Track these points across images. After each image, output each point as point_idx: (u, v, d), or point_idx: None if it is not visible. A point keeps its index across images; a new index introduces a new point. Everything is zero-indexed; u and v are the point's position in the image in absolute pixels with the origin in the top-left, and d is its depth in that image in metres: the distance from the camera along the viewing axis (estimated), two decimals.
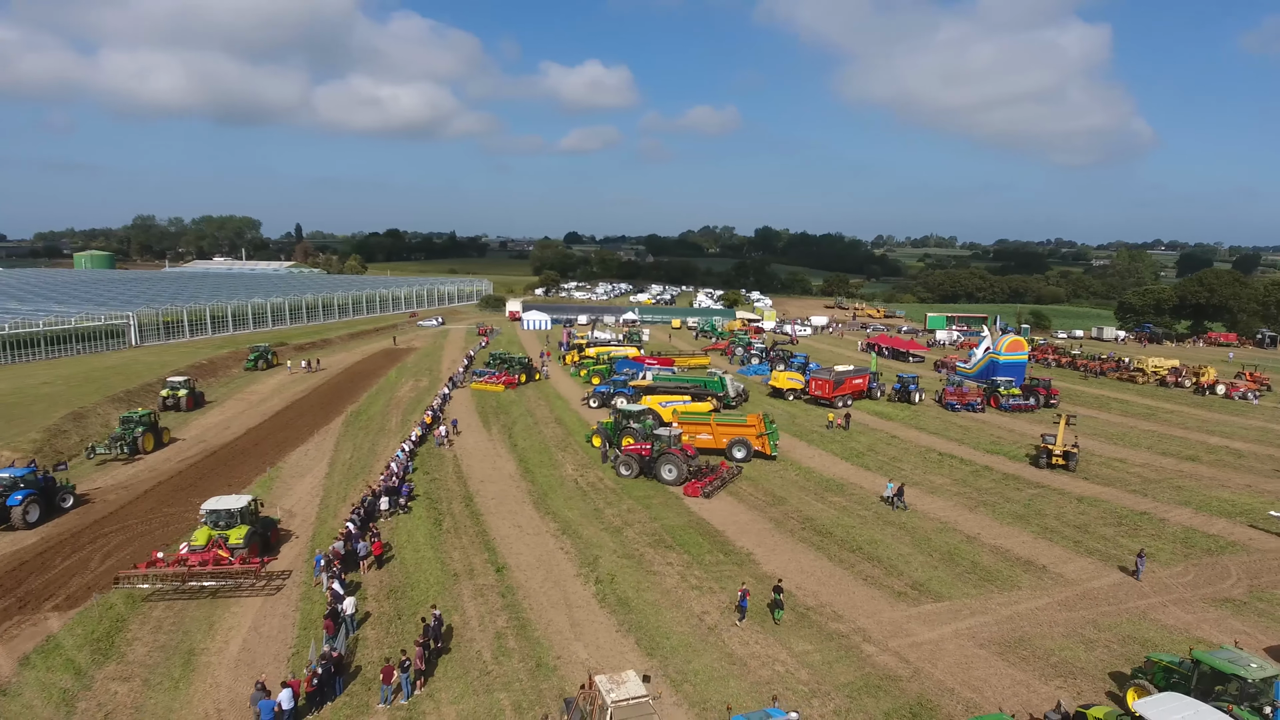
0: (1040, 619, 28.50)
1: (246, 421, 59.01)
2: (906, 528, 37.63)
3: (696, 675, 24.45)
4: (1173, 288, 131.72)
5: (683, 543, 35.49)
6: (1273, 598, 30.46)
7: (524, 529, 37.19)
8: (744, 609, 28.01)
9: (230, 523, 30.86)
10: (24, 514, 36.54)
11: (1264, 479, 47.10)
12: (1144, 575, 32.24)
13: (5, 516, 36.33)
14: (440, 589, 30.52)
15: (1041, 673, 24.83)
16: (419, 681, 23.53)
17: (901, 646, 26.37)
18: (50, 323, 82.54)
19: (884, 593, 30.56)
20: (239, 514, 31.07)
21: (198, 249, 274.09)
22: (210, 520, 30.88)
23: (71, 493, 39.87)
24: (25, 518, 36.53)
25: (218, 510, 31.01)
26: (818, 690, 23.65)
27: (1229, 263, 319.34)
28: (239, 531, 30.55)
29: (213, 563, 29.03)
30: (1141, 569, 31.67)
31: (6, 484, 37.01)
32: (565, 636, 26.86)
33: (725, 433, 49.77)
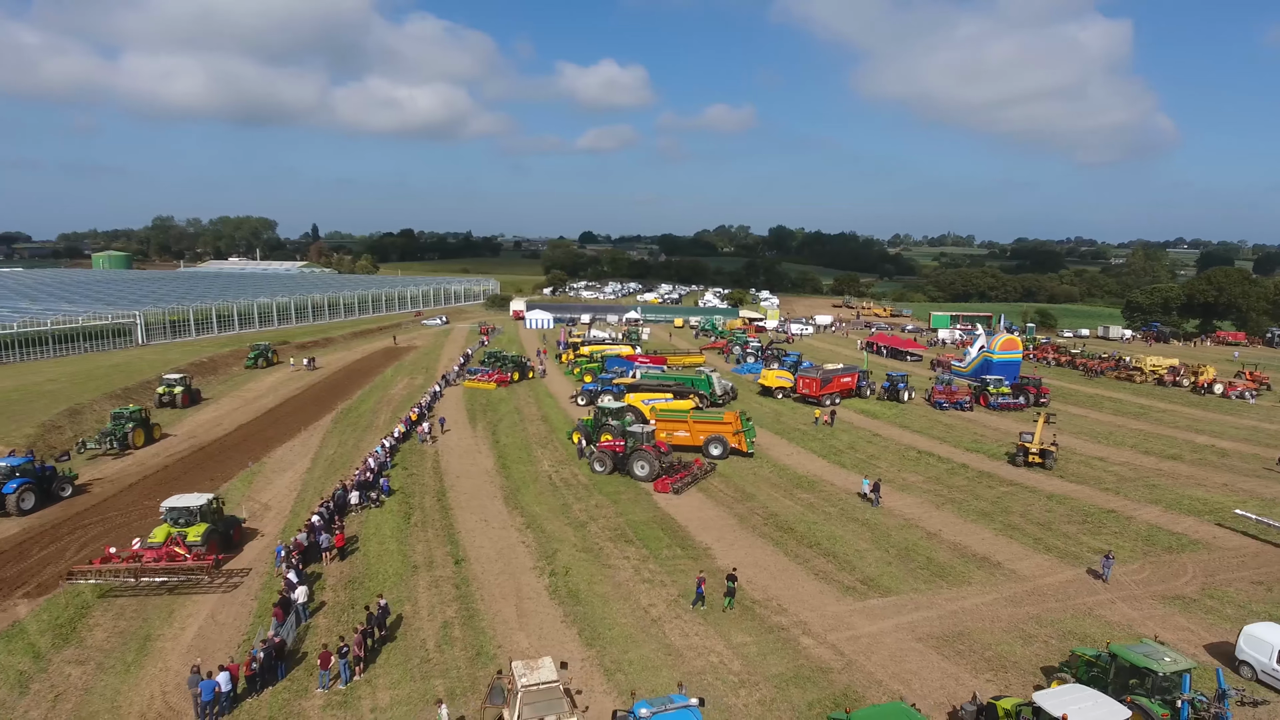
0: (984, 614, 28.71)
1: (239, 418, 60.19)
2: (869, 524, 37.90)
3: (631, 665, 24.97)
4: (1181, 286, 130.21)
5: (643, 537, 36.02)
6: (1223, 595, 30.45)
7: (490, 523, 37.87)
8: (701, 595, 28.86)
9: (189, 520, 31.31)
10: (18, 501, 37.78)
11: (1242, 478, 46.79)
12: (1089, 568, 32.37)
13: (1, 504, 37.53)
14: (397, 580, 31.25)
15: (974, 666, 25.09)
16: (358, 668, 24.23)
17: (839, 639, 26.72)
18: (58, 321, 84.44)
19: (833, 587, 30.90)
20: (198, 512, 31.54)
21: (215, 249, 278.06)
22: (170, 518, 31.37)
23: (71, 482, 41.18)
24: (20, 505, 37.79)
25: (177, 508, 31.51)
26: (747, 681, 24.08)
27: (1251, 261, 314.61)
28: (197, 529, 31.04)
29: (165, 559, 29.56)
30: (1108, 571, 31.33)
31: (3, 472, 38.23)
32: (510, 627, 27.48)
33: (702, 430, 50.20)
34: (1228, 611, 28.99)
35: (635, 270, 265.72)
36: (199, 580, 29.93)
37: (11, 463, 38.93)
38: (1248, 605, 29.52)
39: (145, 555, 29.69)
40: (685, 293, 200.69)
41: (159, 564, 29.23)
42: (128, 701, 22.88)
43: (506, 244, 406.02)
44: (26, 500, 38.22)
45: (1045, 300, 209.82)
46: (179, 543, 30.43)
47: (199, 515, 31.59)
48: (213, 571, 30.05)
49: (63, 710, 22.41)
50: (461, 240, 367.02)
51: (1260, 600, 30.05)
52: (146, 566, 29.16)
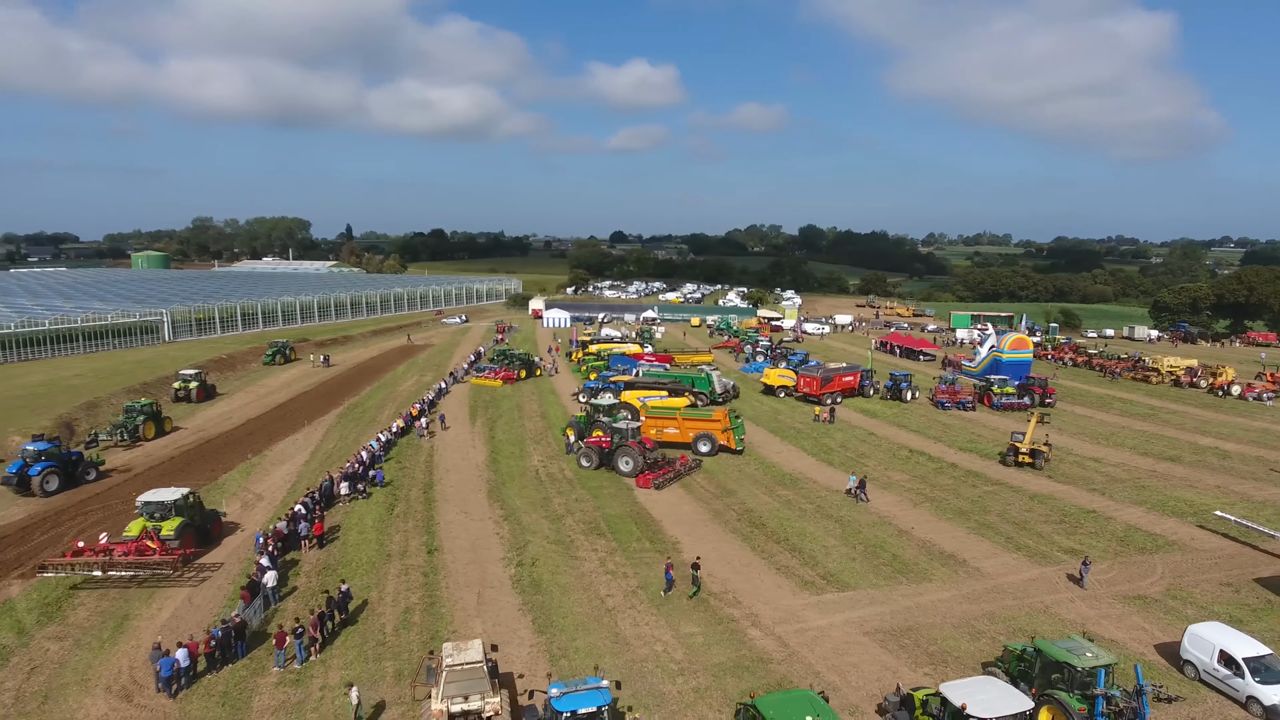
0: (938, 610, 28.89)
1: (248, 413, 62.17)
2: (843, 521, 38.15)
3: (577, 652, 25.71)
4: (1210, 286, 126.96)
5: (615, 530, 36.74)
6: (1187, 596, 30.21)
7: (470, 515, 38.88)
8: (670, 581, 29.83)
9: (164, 515, 32.16)
10: (43, 483, 40.68)
11: (1238, 480, 46.01)
12: (1069, 571, 32.30)
13: (27, 485, 40.48)
14: (369, 567, 32.38)
15: (914, 660, 25.36)
16: (314, 648, 25.31)
17: (786, 632, 27.17)
18: (88, 319, 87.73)
19: (792, 581, 31.30)
20: (172, 506, 32.37)
21: (250, 249, 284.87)
22: (145, 512, 32.26)
23: (96, 468, 44.13)
24: (44, 486, 40.68)
25: (152, 503, 32.38)
26: (686, 669, 24.67)
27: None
28: (171, 524, 31.87)
29: (135, 553, 30.50)
30: (1086, 575, 30.64)
31: (31, 456, 41.14)
32: (469, 614, 28.40)
33: (691, 427, 50.73)
34: (1188, 612, 28.77)
35: (661, 270, 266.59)
36: (167, 574, 30.54)
37: (39, 447, 41.75)
38: (1209, 606, 29.28)
39: (116, 549, 30.51)
40: (709, 292, 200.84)
41: (127, 558, 30.06)
42: (97, 675, 24.24)
43: (537, 244, 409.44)
44: (50, 482, 41.08)
45: (1078, 300, 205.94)
46: (153, 537, 31.25)
47: (174, 510, 32.33)
48: (179, 565, 30.62)
49: (36, 682, 23.83)
50: (491, 240, 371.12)
51: (1224, 601, 29.78)
52: (115, 560, 29.93)
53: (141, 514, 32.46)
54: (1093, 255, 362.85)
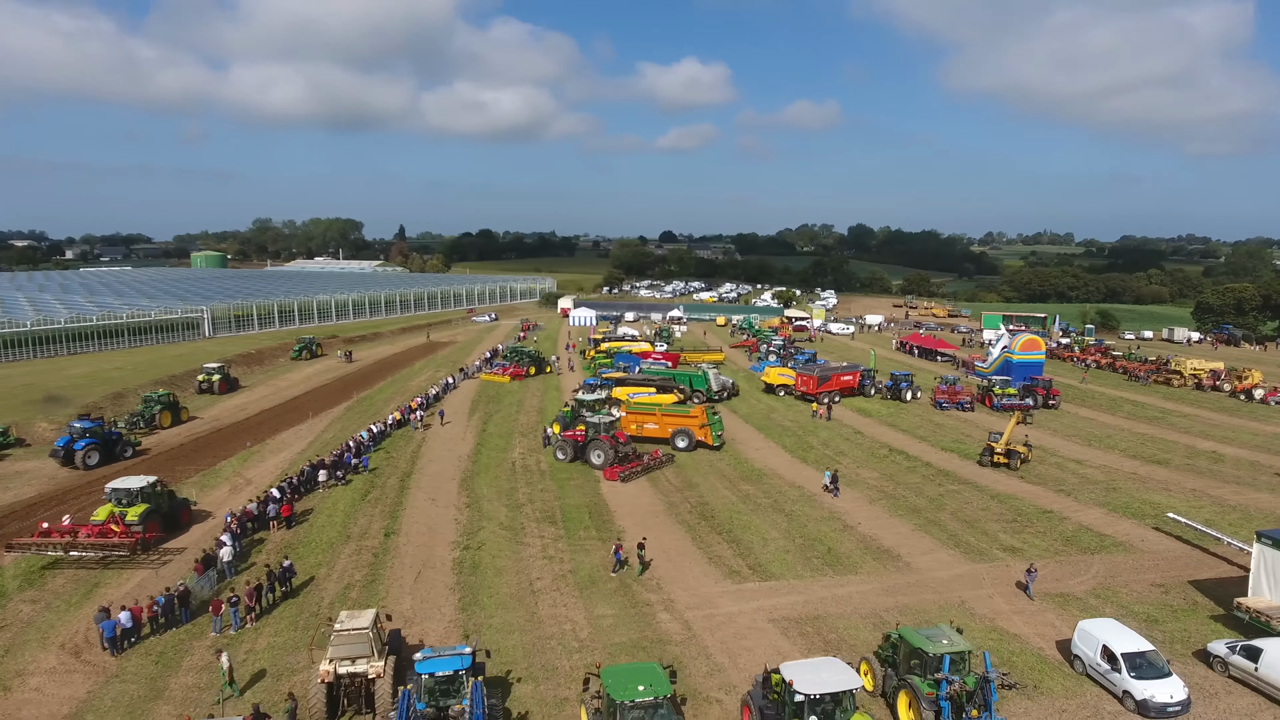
0: (853, 601, 29.57)
1: (263, 405, 65.68)
2: (792, 515, 38.90)
3: (491, 628, 27.32)
4: (1256, 286, 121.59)
5: (567, 519, 38.27)
6: (1111, 595, 30.22)
7: (436, 502, 40.89)
8: (619, 560, 31.75)
9: (131, 501, 34.36)
10: (84, 458, 46.01)
11: (1220, 484, 45.04)
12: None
13: (72, 458, 45.76)
14: (327, 547, 34.59)
15: (809, 646, 26.19)
16: (249, 616, 27.49)
17: (695, 616, 28.28)
18: (133, 315, 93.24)
19: (720, 570, 32.33)
20: (138, 493, 34.55)
21: (306, 250, 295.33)
22: (113, 498, 34.48)
23: (133, 446, 49.72)
24: (85, 461, 46.03)
25: (119, 489, 34.60)
26: (586, 646, 26.03)
27: None
28: (137, 510, 34.02)
29: (97, 535, 32.79)
30: (1032, 583, 29.94)
31: (77, 433, 46.72)
32: (403, 591, 30.29)
33: (670, 423, 51.92)
34: (1105, 610, 28.79)
35: (703, 269, 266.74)
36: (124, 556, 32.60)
37: (84, 425, 47.31)
38: (1128, 605, 29.28)
39: (80, 530, 32.90)
40: (745, 292, 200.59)
41: (90, 539, 32.42)
42: (56, 634, 26.85)
43: (585, 244, 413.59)
44: (92, 457, 46.45)
45: (1131, 301, 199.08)
46: (118, 521, 33.50)
47: (139, 496, 34.49)
48: (135, 547, 32.70)
49: (2, 639, 26.54)
50: (538, 240, 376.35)
51: (1147, 601, 29.72)
52: (78, 541, 32.21)
53: (110, 500, 34.51)
54: (1155, 255, 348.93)
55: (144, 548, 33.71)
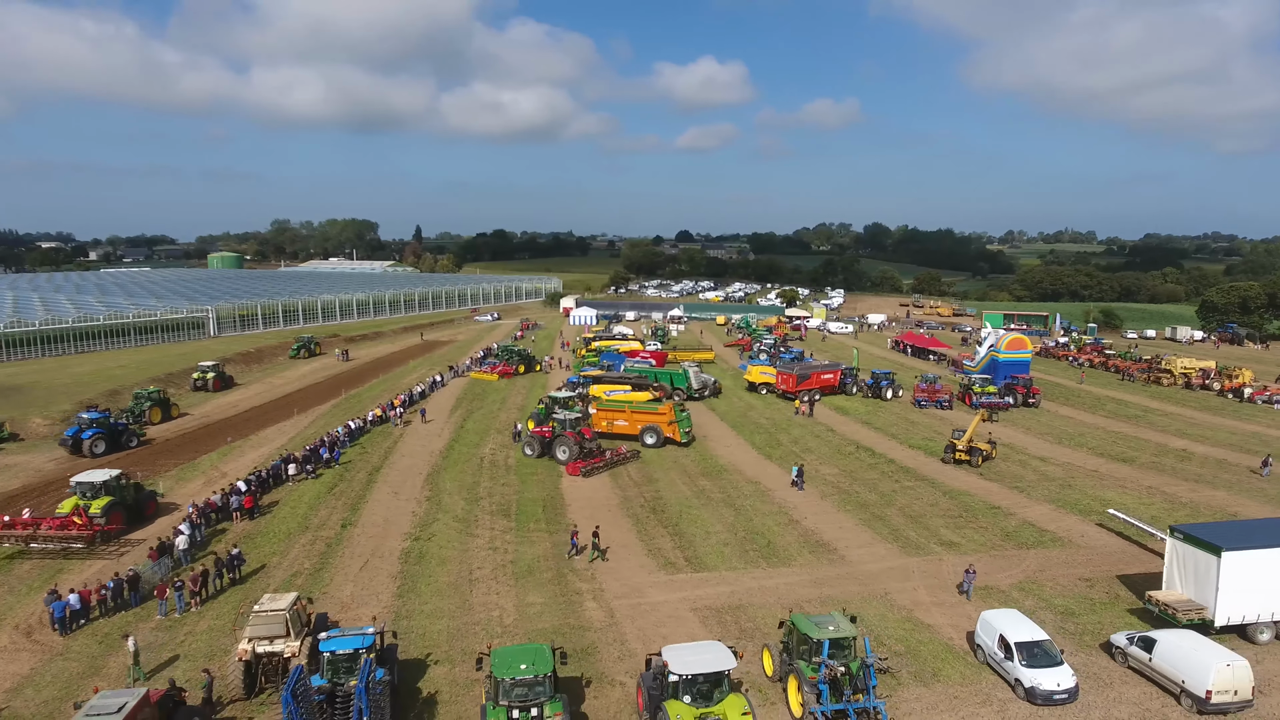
0: (779, 592, 30.35)
1: (254, 402, 67.48)
2: (741, 510, 39.72)
3: (422, 614, 28.47)
4: (1261, 284, 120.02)
5: (522, 512, 39.38)
6: (1034, 588, 30.75)
7: (399, 495, 42.15)
8: (575, 545, 33.47)
9: (95, 494, 35.58)
10: (91, 446, 48.94)
11: (1178, 481, 45.24)
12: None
13: (80, 447, 48.66)
14: (284, 538, 35.92)
15: (725, 633, 27.01)
16: (194, 601, 28.86)
17: (620, 605, 29.23)
18: (140, 315, 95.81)
19: (656, 562, 33.25)
20: (102, 486, 35.84)
21: (323, 250, 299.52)
22: (78, 491, 35.66)
23: (138, 436, 52.79)
24: (93, 449, 48.95)
25: (83, 483, 35.81)
26: (508, 631, 27.10)
27: None
28: (100, 502, 35.17)
29: (57, 527, 34.21)
30: (970, 585, 29.73)
31: (85, 423, 49.81)
32: (346, 579, 31.52)
33: (639, 420, 52.88)
34: (1026, 603, 29.37)
35: (714, 269, 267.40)
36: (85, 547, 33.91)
37: (91, 416, 50.70)
38: (1050, 599, 29.83)
39: (43, 523, 34.32)
40: (753, 291, 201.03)
41: (50, 531, 33.88)
42: (13, 615, 28.34)
43: (600, 244, 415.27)
44: (99, 446, 49.30)
45: (1146, 300, 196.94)
46: (81, 514, 34.80)
47: (103, 489, 35.80)
48: (93, 538, 34.10)
49: None
50: (552, 240, 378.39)
51: (1069, 595, 30.23)
52: (39, 534, 33.71)
53: (75, 493, 35.72)
54: (1177, 253, 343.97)
55: (105, 539, 34.96)
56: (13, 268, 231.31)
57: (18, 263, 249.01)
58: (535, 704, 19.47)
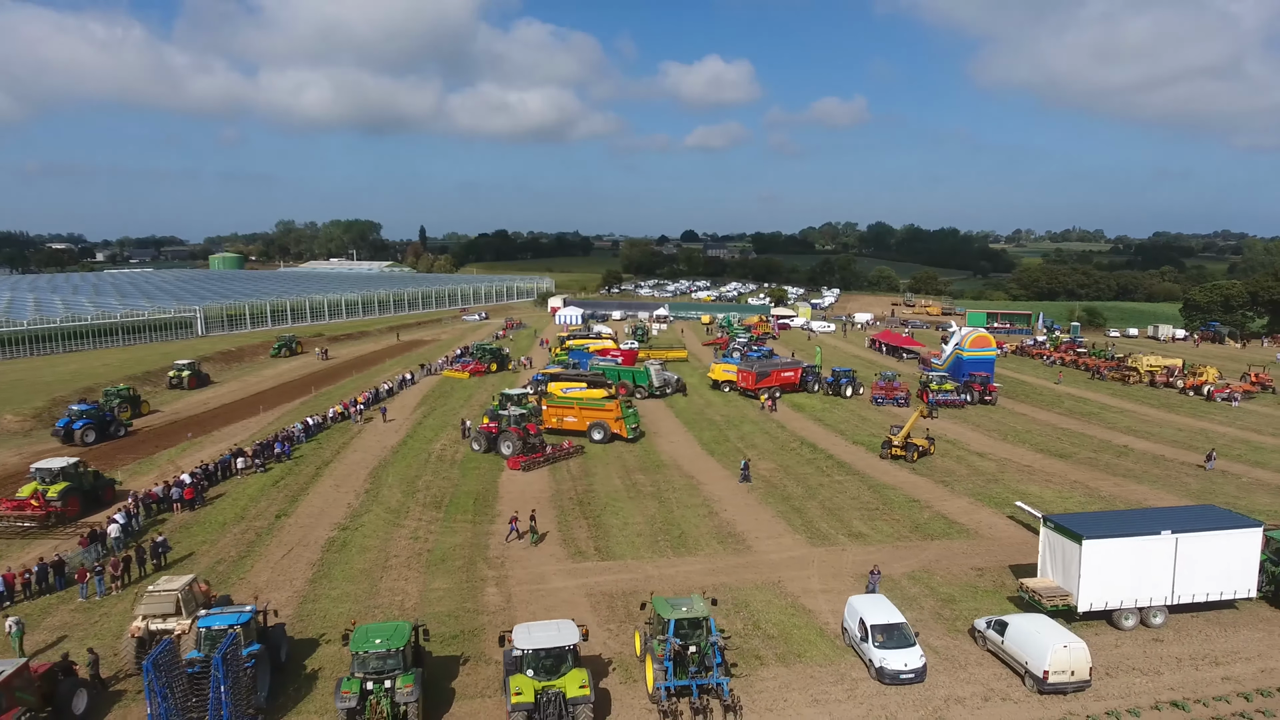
0: (676, 580, 31.47)
1: (226, 399, 69.22)
2: (665, 502, 40.93)
3: (329, 597, 29.88)
4: (1243, 283, 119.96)
5: (453, 504, 40.78)
6: (923, 577, 31.78)
7: (340, 488, 43.60)
8: (515, 530, 35.42)
9: (53, 480, 37.70)
10: (82, 436, 52.24)
11: (1104, 475, 46.16)
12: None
13: (71, 437, 51.81)
14: (218, 528, 37.41)
15: (611, 618, 28.27)
16: (114, 586, 30.38)
17: (521, 589, 30.54)
18: (127, 315, 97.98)
19: (567, 551, 34.52)
20: (59, 472, 37.99)
21: (327, 250, 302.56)
22: (38, 477, 37.88)
23: (126, 426, 56.40)
24: (83, 439, 52.15)
25: (43, 469, 38.04)
26: (406, 614, 28.34)
27: None
28: (58, 487, 37.45)
29: (14, 508, 36.29)
30: (875, 584, 29.73)
31: (75, 415, 53.42)
32: (266, 565, 32.96)
33: (588, 416, 54.14)
34: (912, 590, 30.49)
35: (712, 268, 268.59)
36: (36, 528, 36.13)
37: (81, 408, 54.15)
38: (936, 586, 30.88)
39: (0, 503, 36.41)
40: (746, 291, 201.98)
41: (7, 511, 35.94)
42: None
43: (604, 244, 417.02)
44: (89, 435, 52.69)
45: (1143, 298, 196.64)
46: (39, 497, 36.90)
47: (60, 475, 37.89)
48: (45, 519, 36.32)
49: None
50: (554, 240, 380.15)
51: (956, 583, 31.26)
52: None
53: (34, 478, 38.01)
54: (1183, 251, 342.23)
55: (62, 521, 37.06)
56: (18, 269, 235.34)
57: (24, 264, 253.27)
58: (389, 676, 20.78)
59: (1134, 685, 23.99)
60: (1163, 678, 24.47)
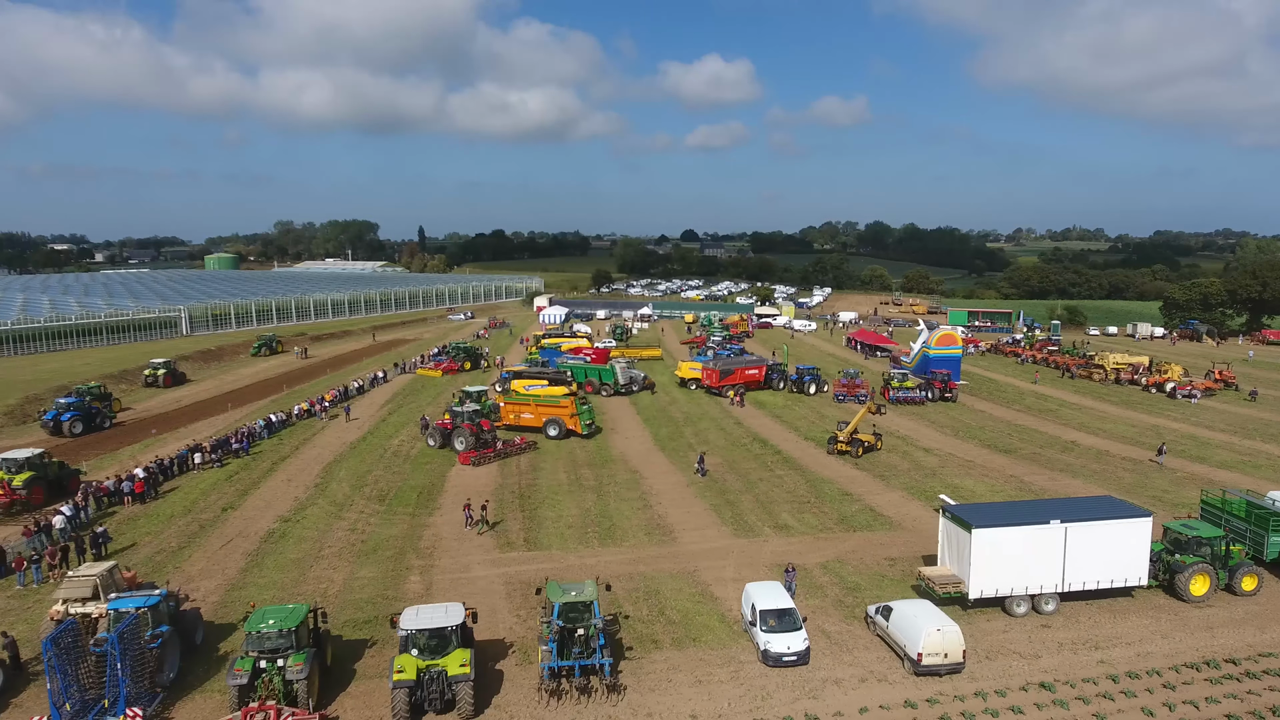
0: (594, 569, 32.26)
1: (200, 397, 70.41)
2: (604, 496, 41.96)
3: (257, 585, 30.93)
4: (1221, 281, 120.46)
5: (398, 497, 41.86)
6: (835, 567, 32.71)
7: (292, 482, 44.72)
8: (469, 518, 37.11)
9: (18, 469, 39.46)
10: (70, 427, 55.15)
11: (1041, 470, 47.09)
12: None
13: (60, 428, 54.70)
14: (165, 520, 38.54)
15: (521, 605, 29.24)
16: (52, 574, 31.50)
17: (444, 579, 31.58)
18: (111, 314, 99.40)
19: (496, 542, 35.56)
20: (24, 462, 39.68)
21: (325, 250, 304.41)
22: (3, 466, 39.48)
23: (111, 418, 59.05)
24: (71, 430, 55.06)
25: (8, 459, 39.71)
26: (327, 600, 29.45)
27: None
28: (22, 476, 39.15)
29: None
30: (792, 584, 29.58)
31: (63, 407, 56.27)
32: (203, 555, 34.07)
33: (543, 413, 55.22)
34: (821, 579, 31.44)
35: (707, 268, 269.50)
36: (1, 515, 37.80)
37: (68, 401, 57.16)
38: (845, 575, 31.83)
39: None
40: (737, 290, 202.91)
41: None
42: None
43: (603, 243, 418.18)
44: (76, 427, 55.58)
45: (1134, 297, 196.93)
46: (4, 485, 38.50)
47: (25, 465, 39.60)
48: (13, 507, 37.94)
49: None
50: (551, 240, 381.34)
51: (865, 572, 32.20)
52: None
53: (0, 468, 39.61)
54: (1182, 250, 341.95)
55: (27, 509, 38.64)
56: (16, 269, 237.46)
57: (23, 265, 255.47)
58: (282, 655, 21.85)
59: (1010, 668, 24.94)
60: (1040, 661, 25.41)
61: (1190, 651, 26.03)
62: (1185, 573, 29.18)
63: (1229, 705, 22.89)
